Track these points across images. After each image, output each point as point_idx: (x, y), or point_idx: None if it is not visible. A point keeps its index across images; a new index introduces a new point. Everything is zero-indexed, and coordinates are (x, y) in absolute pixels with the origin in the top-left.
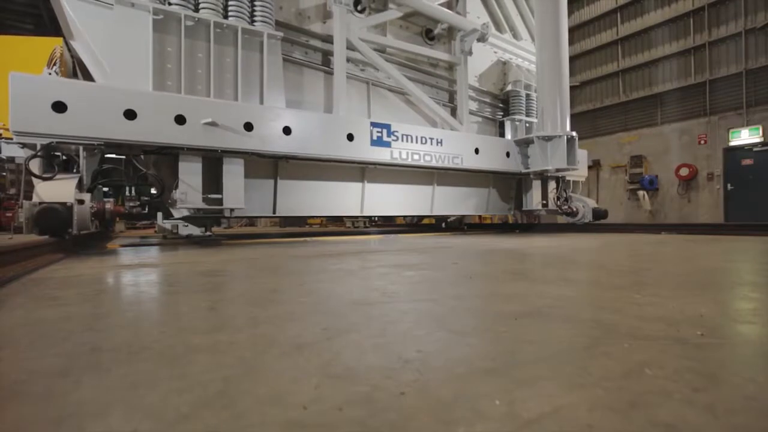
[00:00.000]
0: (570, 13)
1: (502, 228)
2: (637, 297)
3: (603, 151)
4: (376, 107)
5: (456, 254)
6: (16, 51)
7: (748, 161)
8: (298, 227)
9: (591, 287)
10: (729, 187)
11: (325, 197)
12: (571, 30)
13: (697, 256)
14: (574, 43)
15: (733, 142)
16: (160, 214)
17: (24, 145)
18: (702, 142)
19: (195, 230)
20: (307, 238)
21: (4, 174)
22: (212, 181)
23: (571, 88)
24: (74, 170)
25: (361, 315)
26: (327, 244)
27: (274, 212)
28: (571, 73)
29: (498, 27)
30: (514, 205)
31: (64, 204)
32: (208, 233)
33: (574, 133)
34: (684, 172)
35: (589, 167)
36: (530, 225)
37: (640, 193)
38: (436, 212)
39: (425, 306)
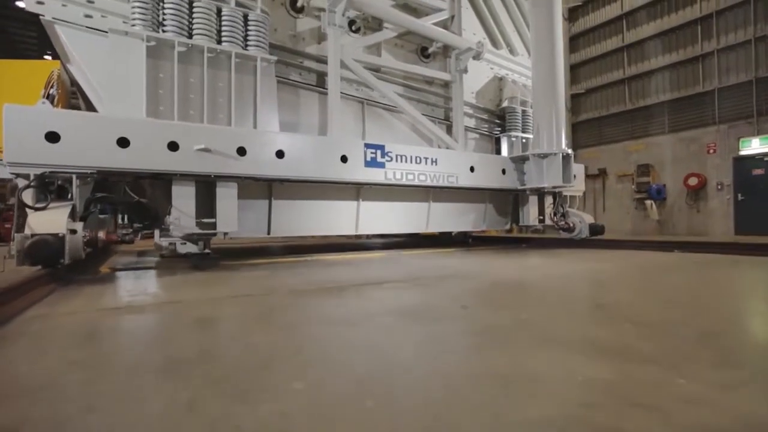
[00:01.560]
0: (575, 19)
1: (506, 243)
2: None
3: (609, 159)
4: (371, 126)
5: (464, 290)
6: (16, 75)
7: (759, 171)
8: (299, 236)
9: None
10: (739, 197)
11: (319, 216)
12: (576, 37)
13: (731, 293)
14: (579, 50)
15: (744, 152)
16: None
17: (17, 175)
18: (711, 151)
19: (192, 248)
20: (308, 257)
21: (4, 184)
22: (206, 203)
23: (577, 95)
24: (68, 196)
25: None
26: (328, 267)
27: (268, 232)
28: (577, 81)
29: (494, 43)
30: (511, 219)
31: (56, 235)
32: (206, 250)
33: (569, 150)
34: (693, 181)
35: (595, 176)
36: (534, 239)
37: (648, 202)
38: (432, 229)
39: (436, 408)
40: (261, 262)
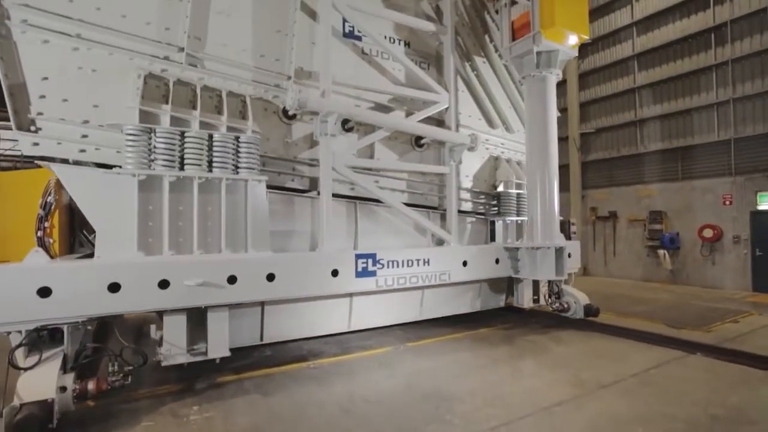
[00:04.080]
0: (584, 56)
1: (522, 324)
2: None
3: (620, 202)
4: (364, 223)
5: None
6: (18, 184)
7: None
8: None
9: None
10: (757, 252)
11: (313, 317)
12: (586, 74)
13: None
14: (589, 87)
15: (762, 206)
16: None
17: (8, 333)
18: (727, 202)
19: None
20: (311, 363)
21: None
22: (197, 327)
23: (586, 134)
24: (60, 339)
25: None
26: (332, 379)
27: (261, 339)
28: (586, 119)
29: (490, 123)
30: (506, 295)
31: (44, 402)
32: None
33: (563, 244)
34: (708, 233)
35: (606, 218)
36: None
37: (661, 252)
38: (426, 316)
39: None
40: (260, 374)
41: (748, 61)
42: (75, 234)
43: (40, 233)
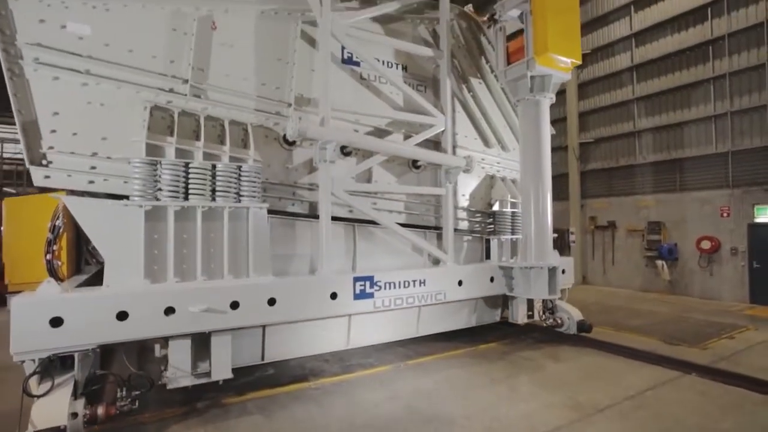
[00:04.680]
0: (584, 66)
1: (518, 339)
2: None
3: (619, 212)
4: (363, 243)
5: None
6: (29, 209)
7: None
8: None
9: None
10: (755, 264)
11: (312, 336)
12: (585, 84)
13: None
14: (588, 97)
15: (759, 219)
16: None
17: (22, 362)
18: (725, 214)
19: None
20: (312, 383)
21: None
22: (201, 349)
23: (586, 144)
24: (70, 365)
25: None
26: (334, 401)
27: (262, 359)
28: (585, 129)
29: (486, 143)
30: (502, 310)
31: (57, 428)
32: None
33: (555, 263)
34: (705, 245)
35: (605, 227)
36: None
37: (659, 263)
38: (423, 333)
39: None
40: (262, 396)
41: (745, 75)
42: (81, 252)
43: (49, 256)
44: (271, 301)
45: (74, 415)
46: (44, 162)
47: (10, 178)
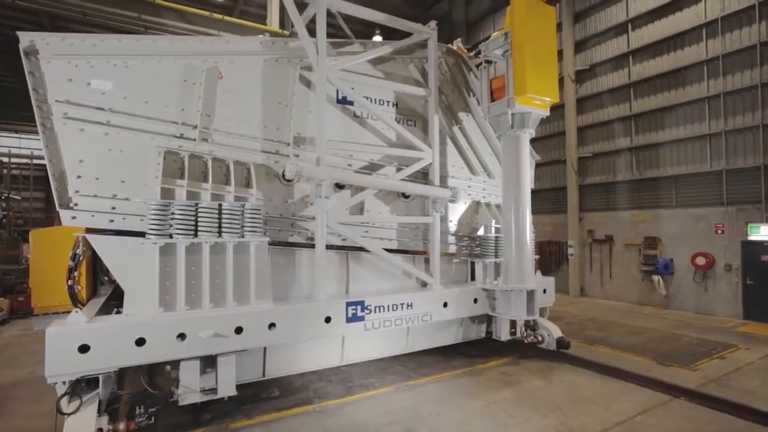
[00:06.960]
0: (582, 81)
1: (503, 354)
2: None
3: (616, 226)
4: (355, 268)
5: None
6: (53, 239)
7: None
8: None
9: None
10: (748, 281)
11: (308, 354)
12: (583, 99)
13: None
14: (587, 112)
15: (752, 237)
16: None
17: (54, 384)
18: (719, 231)
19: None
20: (317, 406)
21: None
22: (209, 364)
23: (584, 158)
24: (95, 384)
25: None
26: (339, 427)
27: (263, 375)
28: (584, 143)
29: (472, 170)
30: (487, 325)
31: None
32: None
33: (533, 286)
34: (700, 261)
35: (602, 241)
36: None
37: (655, 277)
38: (411, 349)
39: None
40: (267, 419)
41: (739, 96)
42: (97, 276)
43: (70, 282)
44: (271, 326)
45: (100, 430)
46: (71, 205)
47: (15, 182)
